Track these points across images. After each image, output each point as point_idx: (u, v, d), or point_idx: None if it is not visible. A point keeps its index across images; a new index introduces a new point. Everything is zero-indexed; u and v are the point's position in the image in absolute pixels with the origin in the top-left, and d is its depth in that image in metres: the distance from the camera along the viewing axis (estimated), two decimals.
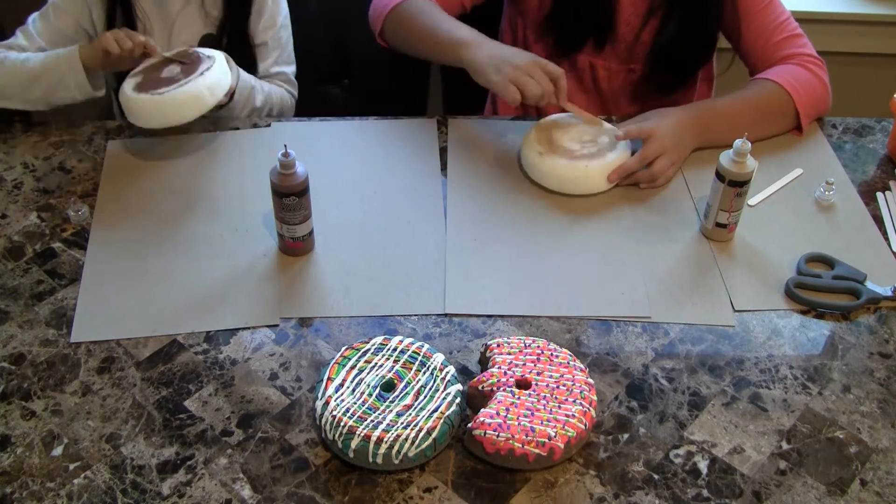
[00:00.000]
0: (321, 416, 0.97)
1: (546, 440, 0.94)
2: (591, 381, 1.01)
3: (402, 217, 1.30)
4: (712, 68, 1.63)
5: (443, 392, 0.99)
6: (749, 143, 1.17)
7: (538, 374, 1.01)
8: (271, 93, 1.55)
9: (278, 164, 1.14)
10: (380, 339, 1.04)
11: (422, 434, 0.94)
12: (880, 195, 1.36)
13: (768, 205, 1.34)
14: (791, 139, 1.45)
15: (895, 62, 2.27)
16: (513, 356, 1.03)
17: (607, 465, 0.98)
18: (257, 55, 1.56)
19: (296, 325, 1.13)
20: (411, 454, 0.94)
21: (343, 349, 1.04)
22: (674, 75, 1.54)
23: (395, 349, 1.03)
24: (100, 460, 0.97)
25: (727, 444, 1.00)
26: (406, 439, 0.94)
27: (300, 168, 1.15)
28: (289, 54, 1.61)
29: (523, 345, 1.04)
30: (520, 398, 0.98)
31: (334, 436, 0.95)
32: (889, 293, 1.17)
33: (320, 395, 0.98)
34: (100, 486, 0.95)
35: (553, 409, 0.97)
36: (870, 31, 2.20)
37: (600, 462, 0.98)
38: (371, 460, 0.94)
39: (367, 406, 0.97)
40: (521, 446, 0.94)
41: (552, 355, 1.03)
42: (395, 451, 0.93)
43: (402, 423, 0.95)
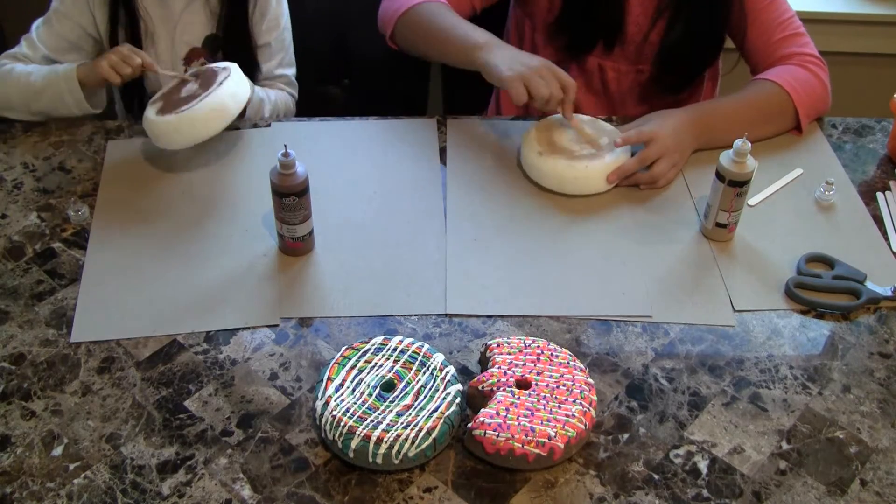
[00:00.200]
0: (321, 416, 0.97)
1: (546, 440, 0.94)
2: (591, 381, 1.01)
3: (402, 217, 1.30)
4: (718, 67, 1.63)
5: (443, 392, 0.99)
6: (749, 144, 1.17)
7: (538, 374, 1.01)
8: (277, 101, 1.55)
9: (278, 164, 1.14)
10: (380, 339, 1.04)
11: (422, 434, 0.94)
12: (880, 195, 1.36)
13: (768, 205, 1.34)
14: (791, 139, 1.45)
15: (895, 62, 2.27)
16: (513, 356, 1.03)
17: (607, 465, 0.98)
18: (260, 56, 1.55)
19: (296, 325, 1.13)
20: (411, 454, 0.94)
21: (343, 349, 1.04)
22: (682, 75, 1.55)
23: (395, 349, 1.03)
24: (100, 460, 0.97)
25: (727, 444, 1.00)
26: (406, 439, 0.94)
27: (300, 168, 1.15)
28: (291, 56, 1.61)
29: (523, 345, 1.04)
30: (520, 398, 0.98)
31: (334, 436, 0.95)
32: (889, 293, 1.17)
33: (320, 395, 0.98)
34: (100, 486, 0.95)
35: (553, 409, 0.97)
36: (870, 31, 2.20)
37: (600, 462, 0.98)
38: (371, 460, 0.94)
39: (367, 406, 0.97)
40: (521, 446, 0.94)
41: (552, 355, 1.03)
42: (395, 451, 0.93)
43: (402, 423, 0.95)
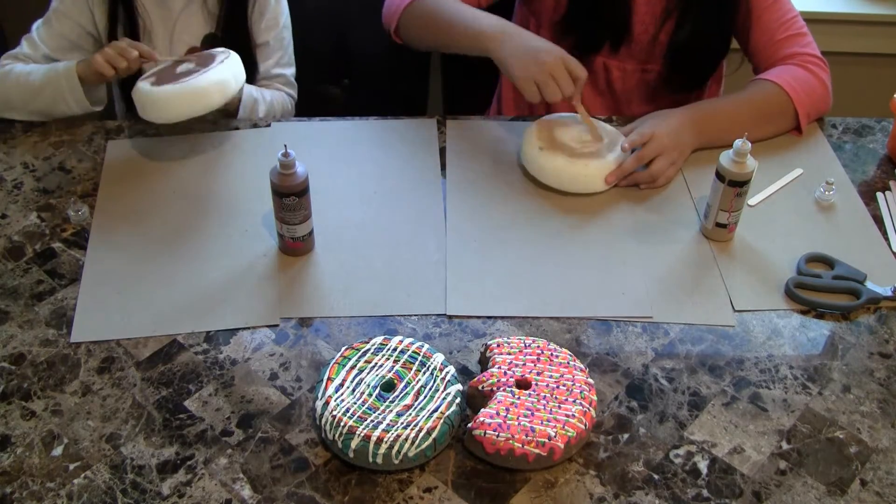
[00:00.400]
0: (321, 416, 0.97)
1: (546, 440, 0.94)
2: (591, 381, 1.01)
3: (402, 217, 1.30)
4: (722, 67, 1.63)
5: (443, 392, 0.99)
6: (749, 143, 1.17)
7: (538, 374, 1.01)
8: (273, 102, 1.55)
9: (278, 164, 1.14)
10: (380, 339, 1.04)
11: (422, 434, 0.94)
12: (880, 195, 1.36)
13: (768, 205, 1.34)
14: (791, 139, 1.45)
15: (895, 62, 2.27)
16: (513, 356, 1.03)
17: (607, 465, 0.98)
18: (258, 56, 1.55)
19: (296, 325, 1.13)
20: (411, 454, 0.94)
21: (343, 349, 1.04)
22: (692, 75, 1.54)
23: (395, 349, 1.03)
24: (100, 460, 0.97)
25: (727, 444, 1.00)
26: (406, 439, 0.94)
27: (300, 168, 1.15)
28: (290, 56, 1.61)
29: (523, 345, 1.04)
30: (520, 398, 0.98)
31: (334, 436, 0.95)
32: (889, 293, 1.17)
33: (320, 395, 0.98)
34: (100, 486, 0.95)
35: (553, 409, 0.97)
36: (870, 31, 2.20)
37: (600, 462, 0.98)
38: (371, 460, 0.94)
39: (367, 406, 0.97)
40: (521, 446, 0.94)
41: (552, 355, 1.03)
42: (395, 451, 0.93)
43: (402, 423, 0.95)
